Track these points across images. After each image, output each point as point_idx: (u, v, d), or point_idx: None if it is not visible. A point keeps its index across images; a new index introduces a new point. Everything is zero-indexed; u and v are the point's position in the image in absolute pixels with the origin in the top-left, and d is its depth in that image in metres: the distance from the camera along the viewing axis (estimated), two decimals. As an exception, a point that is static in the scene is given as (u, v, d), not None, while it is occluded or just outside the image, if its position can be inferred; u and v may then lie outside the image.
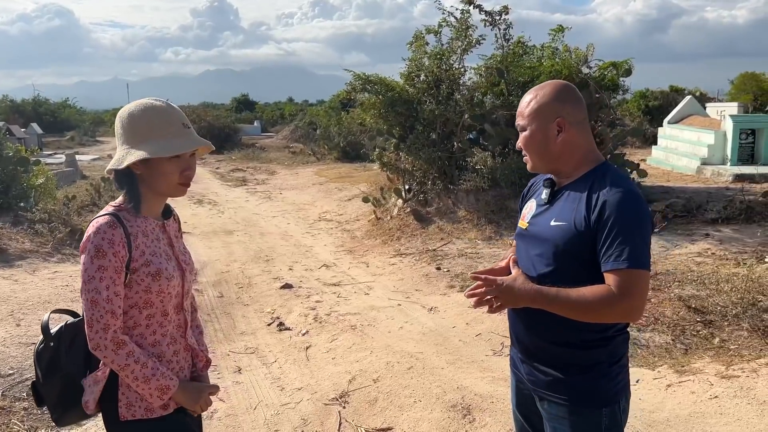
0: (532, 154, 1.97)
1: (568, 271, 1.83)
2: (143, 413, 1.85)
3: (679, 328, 4.78)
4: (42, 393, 1.93)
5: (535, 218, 1.98)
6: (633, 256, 1.71)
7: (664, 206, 7.67)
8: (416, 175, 9.44)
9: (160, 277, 1.85)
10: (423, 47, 9.44)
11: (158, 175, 1.86)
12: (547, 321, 1.85)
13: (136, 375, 1.80)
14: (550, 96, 1.91)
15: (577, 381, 1.87)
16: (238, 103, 58.28)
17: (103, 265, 1.74)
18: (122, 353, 1.78)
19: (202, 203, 13.40)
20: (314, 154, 23.16)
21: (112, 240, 1.76)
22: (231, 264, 7.97)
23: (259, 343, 5.32)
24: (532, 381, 1.99)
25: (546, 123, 1.90)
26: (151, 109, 1.86)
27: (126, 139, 1.85)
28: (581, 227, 1.80)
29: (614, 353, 1.89)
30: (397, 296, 6.44)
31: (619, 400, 1.89)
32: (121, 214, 1.83)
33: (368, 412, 3.99)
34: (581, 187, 1.87)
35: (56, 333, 1.92)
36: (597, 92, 8.19)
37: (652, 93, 24.92)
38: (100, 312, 1.75)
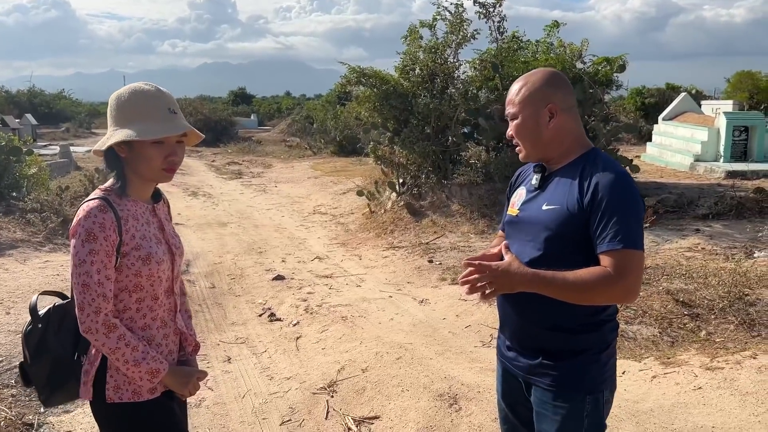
0: (525, 141, 1.97)
1: (561, 254, 1.84)
2: (131, 396, 1.86)
3: (666, 321, 4.82)
4: (30, 374, 1.93)
5: (525, 204, 1.99)
6: (627, 236, 1.73)
7: (655, 201, 7.70)
8: (410, 168, 9.45)
9: (150, 261, 1.86)
10: (418, 41, 9.44)
11: (141, 159, 1.86)
12: (538, 305, 1.86)
13: (126, 358, 1.80)
14: (540, 82, 1.93)
15: (565, 366, 1.88)
16: (235, 97, 58.20)
17: (94, 249, 1.75)
18: (113, 336, 1.78)
19: (197, 195, 13.39)
20: (310, 148, 23.16)
21: (102, 224, 1.76)
22: (224, 255, 7.97)
23: (249, 333, 5.34)
24: (521, 366, 1.99)
25: (537, 109, 1.91)
26: (139, 92, 1.86)
27: (113, 120, 1.86)
28: (574, 210, 1.81)
29: (603, 340, 1.90)
30: (388, 288, 6.46)
31: (603, 389, 1.89)
32: (111, 197, 1.83)
33: (356, 401, 4.01)
34: (572, 172, 1.88)
35: (44, 315, 1.93)
36: (590, 87, 8.21)
37: (649, 90, 24.97)
38: (92, 296, 1.76)
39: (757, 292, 5.14)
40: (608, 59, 8.60)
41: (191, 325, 2.18)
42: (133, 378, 1.84)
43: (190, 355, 2.13)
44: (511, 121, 1.99)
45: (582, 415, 1.87)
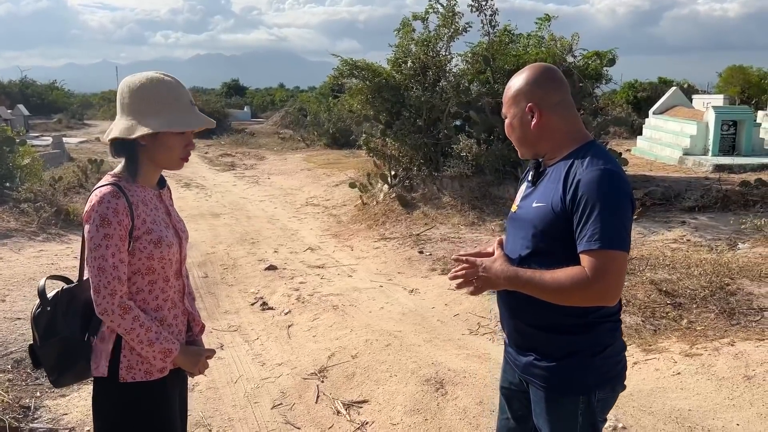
0: (513, 140, 2.00)
1: (550, 252, 1.83)
2: (143, 375, 1.92)
3: (649, 310, 4.94)
4: (39, 356, 1.97)
5: (523, 201, 1.99)
6: (606, 236, 1.67)
7: (642, 194, 7.82)
8: (402, 161, 9.54)
9: (161, 244, 1.93)
10: (410, 34, 9.51)
11: (164, 149, 1.94)
12: (527, 304, 1.86)
13: (141, 338, 1.88)
14: (522, 81, 1.93)
15: (553, 368, 1.87)
16: (229, 89, 57.93)
17: (108, 234, 1.82)
18: (128, 318, 1.86)
19: (190, 186, 13.44)
20: (303, 141, 23.20)
21: (116, 209, 1.83)
22: (216, 246, 8.05)
23: (242, 322, 5.43)
24: (518, 364, 2.01)
25: (520, 109, 1.91)
26: (163, 83, 1.93)
27: (134, 109, 1.90)
28: (557, 208, 1.78)
29: (597, 342, 1.85)
30: (379, 278, 6.56)
31: (596, 391, 1.85)
32: (122, 183, 1.90)
33: (345, 385, 4.11)
34: (561, 168, 1.85)
35: (53, 298, 1.98)
36: (580, 81, 8.31)
37: (641, 84, 25.10)
38: (107, 278, 1.83)
39: (738, 282, 5.27)
40: (598, 53, 8.70)
41: (195, 307, 2.25)
42: (146, 358, 1.91)
43: (197, 336, 2.21)
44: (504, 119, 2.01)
45: (575, 415, 1.86)
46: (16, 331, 4.71)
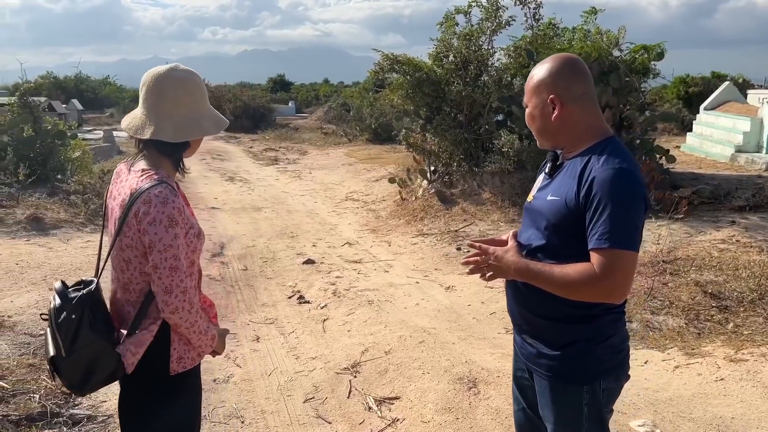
0: (533, 131, 2.00)
1: (562, 245, 1.84)
2: (191, 363, 1.97)
3: (693, 313, 4.78)
4: (64, 367, 1.87)
5: (539, 192, 2.00)
6: (616, 235, 1.69)
7: (690, 192, 7.57)
8: (442, 156, 9.47)
9: (201, 237, 1.97)
10: (453, 28, 9.41)
11: (197, 145, 2.01)
12: (534, 294, 1.89)
13: (200, 329, 1.93)
14: (546, 71, 1.90)
15: (557, 356, 1.89)
16: (274, 84, 58.61)
17: (177, 233, 1.83)
18: (194, 311, 1.89)
19: (234, 180, 13.63)
20: (346, 135, 23.27)
21: (180, 208, 1.85)
22: (257, 239, 8.15)
23: (278, 315, 5.48)
24: (524, 353, 2.03)
25: (542, 100, 1.90)
26: (200, 79, 1.97)
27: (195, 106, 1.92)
28: (571, 204, 1.79)
29: (600, 332, 1.87)
30: (416, 274, 6.53)
31: (600, 380, 1.87)
32: (169, 180, 1.89)
33: (378, 381, 4.10)
34: (578, 163, 1.85)
35: (77, 303, 1.87)
36: (627, 76, 8.08)
37: (693, 79, 24.29)
38: (180, 277, 1.84)
39: (790, 286, 5.05)
40: (646, 47, 8.44)
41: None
42: (199, 345, 1.97)
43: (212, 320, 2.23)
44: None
45: (581, 405, 1.88)
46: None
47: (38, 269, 5.80)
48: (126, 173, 1.98)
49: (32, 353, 4.31)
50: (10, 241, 6.75)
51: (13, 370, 4.01)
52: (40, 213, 7.44)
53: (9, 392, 3.71)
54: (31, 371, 4.04)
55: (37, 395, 3.69)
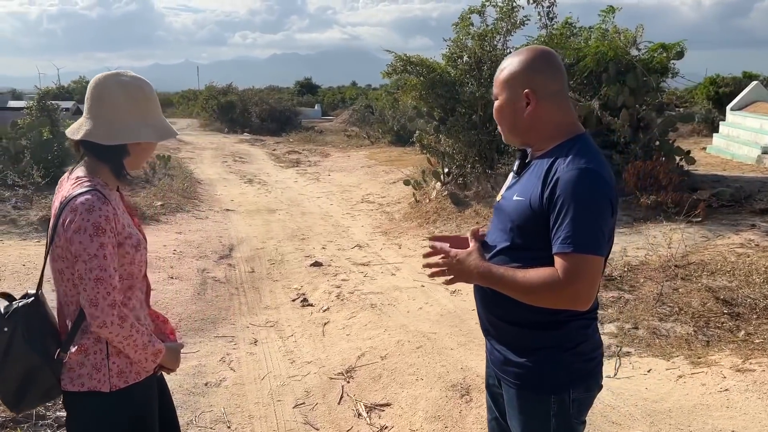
0: (502, 125, 1.90)
1: (527, 247, 1.77)
2: (134, 378, 1.87)
3: (703, 320, 4.59)
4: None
5: (507, 191, 1.92)
6: (579, 239, 1.62)
7: (708, 195, 7.32)
8: (456, 158, 9.34)
9: (140, 247, 1.89)
10: (467, 28, 9.29)
11: (143, 154, 1.94)
12: (500, 298, 1.80)
13: (137, 344, 1.82)
14: (521, 65, 1.81)
15: (523, 364, 1.82)
16: (301, 87, 59.02)
17: (103, 243, 1.73)
18: (126, 326, 1.79)
19: (252, 183, 13.67)
20: (368, 138, 23.24)
21: (107, 216, 1.75)
22: (267, 241, 8.13)
23: (280, 318, 5.43)
24: (491, 359, 1.97)
25: (516, 93, 1.80)
26: (150, 86, 1.91)
27: (137, 112, 1.85)
28: (536, 205, 1.72)
29: (568, 339, 1.80)
30: (422, 278, 6.41)
31: (570, 389, 1.79)
32: (100, 188, 1.81)
33: (370, 387, 4.03)
34: (545, 163, 1.77)
35: (10, 316, 1.82)
36: (644, 75, 7.87)
37: (723, 79, 23.68)
38: (107, 289, 1.74)
39: (808, 293, 4.82)
40: (664, 45, 8.21)
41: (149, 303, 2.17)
42: (139, 361, 1.86)
43: (169, 336, 2.16)
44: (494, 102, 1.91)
45: (548, 416, 1.80)
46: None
47: (36, 271, 5.84)
48: (66, 181, 1.91)
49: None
50: (21, 242, 6.84)
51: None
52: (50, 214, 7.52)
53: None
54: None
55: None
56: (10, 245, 6.66)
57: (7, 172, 8.63)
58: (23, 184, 8.24)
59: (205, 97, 35.65)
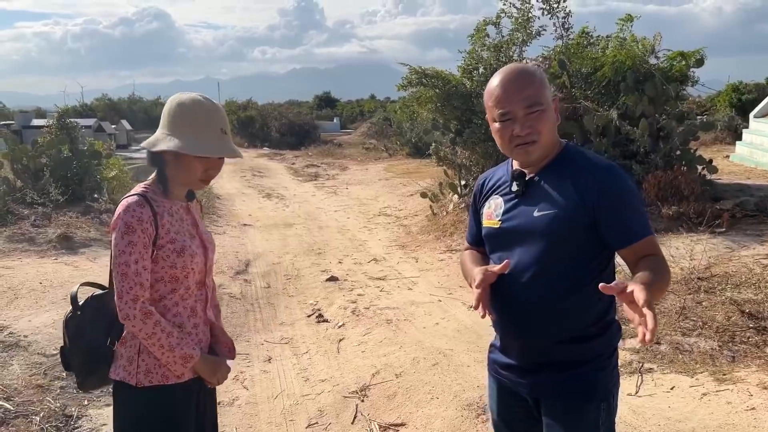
0: (549, 135, 1.79)
1: (561, 259, 1.76)
2: (159, 379, 1.95)
3: (728, 334, 4.44)
4: (68, 358, 2.05)
5: (508, 213, 1.85)
6: (647, 224, 1.77)
7: (733, 204, 7.14)
8: (473, 170, 9.26)
9: (184, 254, 1.97)
10: (482, 39, 9.23)
11: (184, 168, 1.99)
12: (545, 319, 1.77)
13: (162, 343, 1.91)
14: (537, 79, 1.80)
15: (576, 376, 1.80)
16: (320, 101, 59.39)
17: (132, 241, 1.88)
18: (150, 323, 1.89)
19: (270, 197, 13.71)
20: (386, 150, 23.24)
21: (140, 218, 1.89)
22: (283, 256, 8.10)
23: (294, 334, 5.38)
24: (524, 384, 1.87)
25: (548, 106, 1.80)
26: (199, 106, 1.99)
27: (167, 124, 1.98)
28: (574, 212, 1.72)
29: (610, 343, 1.84)
30: (439, 292, 6.34)
31: (614, 392, 1.84)
32: (149, 194, 1.97)
33: (385, 406, 3.95)
34: (558, 172, 1.79)
35: (83, 303, 2.07)
36: (663, 84, 7.74)
37: (746, 86, 23.32)
38: (130, 284, 1.88)
39: (838, 305, 4.66)
40: (683, 53, 8.07)
41: (219, 319, 2.27)
42: (166, 362, 1.94)
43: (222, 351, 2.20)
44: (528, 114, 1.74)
45: (597, 424, 1.79)
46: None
47: (61, 288, 5.86)
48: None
49: (43, 373, 4.32)
50: (38, 259, 6.89)
51: (21, 391, 4.02)
52: (70, 232, 7.58)
53: (11, 414, 3.71)
54: (38, 392, 4.04)
55: (37, 417, 3.68)
56: (28, 263, 6.71)
57: (26, 190, 8.73)
58: (42, 202, 8.34)
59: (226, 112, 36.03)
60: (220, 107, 2.05)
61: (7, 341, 4.71)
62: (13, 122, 25.56)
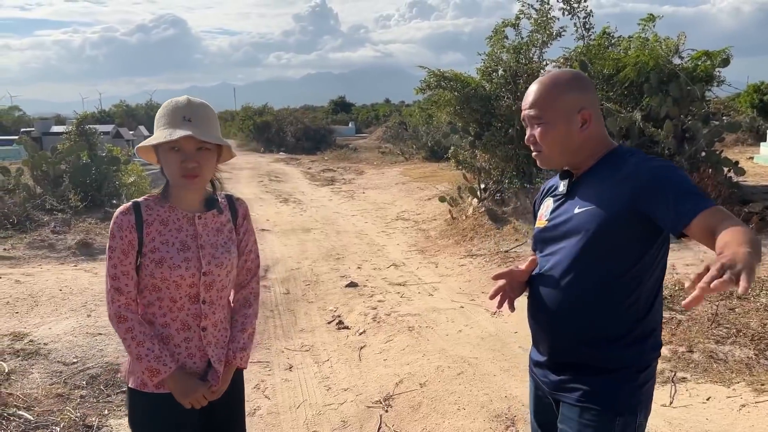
0: (552, 148, 1.82)
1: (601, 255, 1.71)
2: (137, 384, 1.97)
3: (764, 342, 4.30)
4: None
5: (554, 212, 1.87)
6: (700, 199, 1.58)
7: (762, 207, 6.97)
8: (493, 173, 9.14)
9: (162, 265, 1.92)
10: (501, 41, 9.12)
11: (165, 166, 1.95)
12: (574, 316, 1.75)
13: (131, 351, 1.93)
14: (571, 85, 1.79)
15: (597, 381, 1.74)
16: (335, 105, 59.54)
17: (112, 246, 1.92)
18: (122, 327, 1.91)
19: (288, 202, 13.68)
20: (402, 154, 23.17)
21: (120, 225, 1.92)
22: (302, 261, 8.03)
23: (315, 341, 5.30)
24: (547, 383, 1.87)
25: (569, 115, 1.77)
26: (169, 102, 1.98)
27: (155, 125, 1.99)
28: (615, 206, 1.67)
29: (643, 358, 1.75)
30: (461, 298, 6.23)
31: (637, 412, 1.73)
32: (145, 202, 1.98)
33: (410, 417, 3.84)
34: (603, 171, 1.77)
35: None
36: (688, 85, 7.58)
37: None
38: (108, 287, 1.93)
39: None
40: (708, 53, 7.90)
41: (241, 338, 2.12)
42: (135, 371, 1.97)
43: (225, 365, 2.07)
44: (533, 125, 1.83)
45: None
46: (96, 346, 4.83)
47: (80, 295, 5.84)
48: None
49: (63, 382, 4.27)
50: (58, 266, 6.88)
51: (41, 400, 3.97)
52: (89, 238, 7.58)
53: (32, 424, 3.66)
54: (58, 401, 3.99)
55: (57, 428, 3.62)
56: (48, 270, 6.70)
57: (45, 197, 8.75)
58: (61, 208, 8.35)
59: (242, 117, 36.22)
60: (193, 100, 1.96)
61: (27, 349, 4.68)
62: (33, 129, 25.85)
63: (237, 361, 2.08)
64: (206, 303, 2.01)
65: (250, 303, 2.19)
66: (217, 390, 2.03)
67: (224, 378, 2.06)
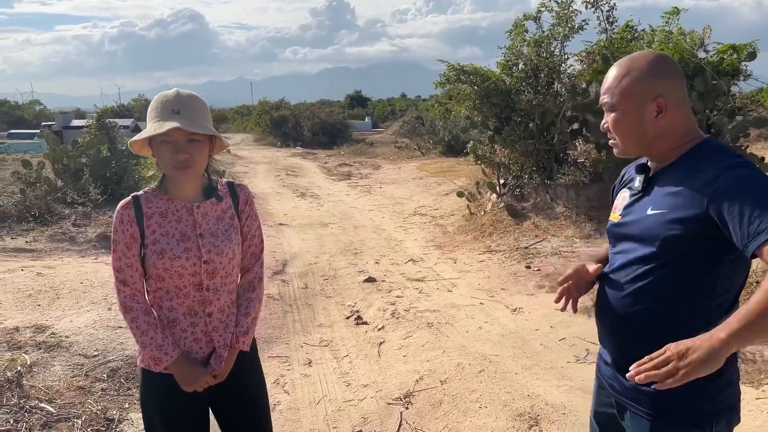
0: (625, 137, 1.73)
1: (671, 267, 1.61)
2: (146, 365, 2.06)
3: (794, 343, 4.20)
4: None
5: (628, 208, 1.77)
6: None
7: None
8: (512, 168, 9.04)
9: (163, 256, 1.98)
10: (522, 35, 9.02)
11: (158, 158, 1.98)
12: (639, 323, 1.67)
13: (136, 338, 2.03)
14: (647, 70, 1.66)
15: (667, 393, 1.57)
16: (351, 100, 59.50)
17: (116, 240, 2.00)
18: (128, 317, 2.01)
19: (305, 196, 13.67)
20: (419, 149, 23.10)
21: (121, 218, 1.99)
22: (320, 256, 8.02)
23: (334, 336, 5.27)
24: (615, 387, 1.79)
25: (643, 102, 1.66)
26: (157, 96, 2.01)
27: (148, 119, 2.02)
28: (688, 212, 1.56)
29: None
30: (480, 294, 6.18)
31: (713, 422, 1.62)
32: (145, 195, 2.04)
33: (430, 415, 3.81)
34: (681, 170, 1.63)
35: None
36: (714, 79, 7.43)
37: (792, 80, 22.56)
38: (115, 278, 2.03)
39: None
40: (735, 47, 7.73)
41: (243, 322, 2.15)
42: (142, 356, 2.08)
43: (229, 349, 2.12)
44: (607, 112, 1.74)
45: None
46: (116, 339, 4.84)
47: (101, 288, 5.86)
48: None
49: (84, 374, 4.28)
50: (79, 259, 6.92)
51: (63, 393, 3.98)
52: (109, 231, 7.59)
53: (54, 417, 3.67)
54: (80, 394, 4.00)
55: (79, 421, 3.63)
56: (69, 262, 6.74)
57: (66, 190, 8.81)
58: (82, 202, 8.40)
59: (259, 112, 36.30)
60: (182, 92, 1.98)
61: (49, 342, 4.70)
62: (54, 123, 26.09)
63: (239, 345, 2.14)
64: (210, 290, 2.06)
65: (254, 287, 2.21)
66: (220, 374, 2.09)
67: (227, 361, 2.11)
